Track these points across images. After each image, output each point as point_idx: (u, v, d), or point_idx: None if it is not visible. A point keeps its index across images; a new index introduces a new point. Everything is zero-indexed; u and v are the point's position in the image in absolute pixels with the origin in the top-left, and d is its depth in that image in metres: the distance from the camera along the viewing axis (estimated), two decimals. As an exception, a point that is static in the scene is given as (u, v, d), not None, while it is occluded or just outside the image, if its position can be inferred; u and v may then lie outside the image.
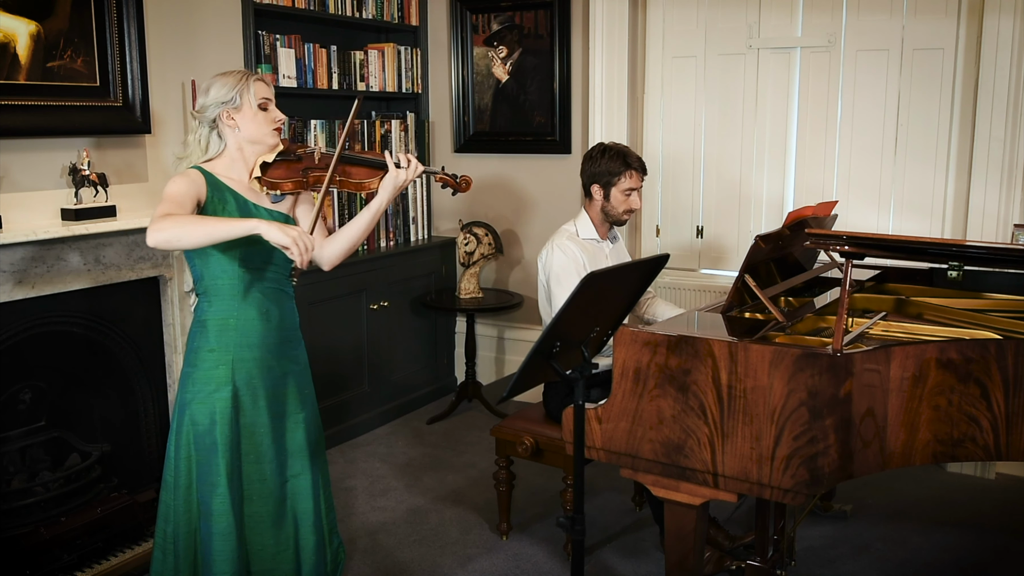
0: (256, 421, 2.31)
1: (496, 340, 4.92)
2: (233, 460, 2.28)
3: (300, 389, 2.42)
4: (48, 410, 3.08)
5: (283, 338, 2.37)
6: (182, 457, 2.28)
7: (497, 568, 3.07)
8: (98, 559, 3.00)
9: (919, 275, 3.07)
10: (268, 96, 2.32)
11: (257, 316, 2.30)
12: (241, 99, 2.27)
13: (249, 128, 2.30)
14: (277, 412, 2.35)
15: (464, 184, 2.47)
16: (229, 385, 2.27)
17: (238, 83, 2.27)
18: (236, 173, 2.33)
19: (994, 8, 3.53)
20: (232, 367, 2.27)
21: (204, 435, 2.26)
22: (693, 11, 4.25)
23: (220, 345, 2.27)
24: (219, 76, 2.31)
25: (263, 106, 2.30)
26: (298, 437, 2.40)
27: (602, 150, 3.14)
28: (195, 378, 2.28)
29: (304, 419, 2.41)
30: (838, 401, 2.09)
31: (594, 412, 2.35)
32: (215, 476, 2.25)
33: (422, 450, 4.13)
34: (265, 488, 2.34)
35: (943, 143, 3.81)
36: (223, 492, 2.25)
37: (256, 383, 2.30)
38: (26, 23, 2.91)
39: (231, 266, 2.26)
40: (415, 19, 4.76)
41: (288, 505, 2.39)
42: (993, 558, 3.12)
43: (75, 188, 3.01)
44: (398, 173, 2.34)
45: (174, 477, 2.30)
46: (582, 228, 3.18)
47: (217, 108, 2.27)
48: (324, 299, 4.05)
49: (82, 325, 3.09)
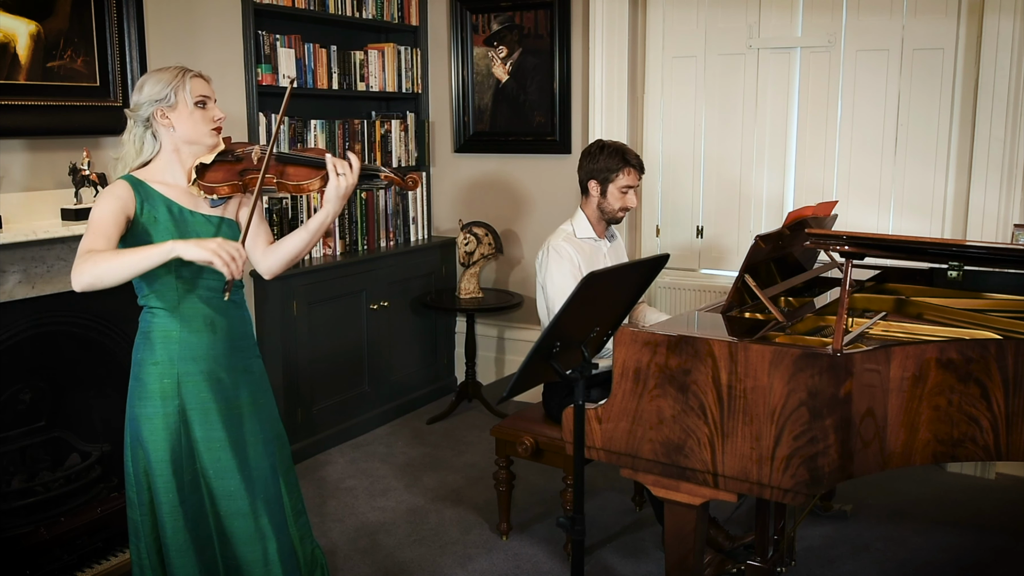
0: (210, 436, 2.21)
1: (496, 340, 4.92)
2: (183, 476, 2.19)
3: (255, 399, 2.30)
4: (48, 410, 3.08)
5: (232, 348, 2.26)
6: (140, 472, 2.21)
7: (497, 568, 3.07)
8: (98, 559, 3.00)
9: (919, 275, 3.07)
10: (206, 94, 2.19)
11: (202, 327, 2.20)
12: (176, 96, 2.15)
13: (185, 128, 2.17)
14: (233, 425, 2.24)
15: (411, 182, 2.28)
16: (176, 399, 2.18)
17: (173, 79, 2.15)
18: (172, 177, 2.21)
19: (994, 8, 3.53)
20: (177, 380, 2.18)
21: (151, 451, 2.18)
22: (693, 11, 4.25)
23: (164, 358, 2.18)
24: (154, 72, 2.19)
25: (201, 103, 2.17)
26: (259, 452, 2.29)
27: (600, 147, 3.14)
28: (140, 392, 2.20)
29: (262, 430, 2.31)
30: (838, 401, 2.09)
31: (594, 412, 2.35)
32: (163, 493, 2.18)
33: (422, 450, 4.13)
34: (236, 505, 2.24)
35: (943, 143, 3.81)
36: (172, 509, 2.18)
37: (205, 397, 2.20)
38: (26, 23, 2.91)
39: (168, 278, 2.17)
40: (415, 19, 4.76)
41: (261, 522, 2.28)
42: (993, 558, 3.12)
43: (75, 188, 3.01)
44: (339, 180, 2.17)
45: (136, 494, 2.23)
46: (579, 227, 3.18)
47: (151, 106, 2.15)
48: (324, 299, 4.05)
49: (82, 325, 3.09)
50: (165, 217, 2.16)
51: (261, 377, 2.35)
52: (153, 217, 2.15)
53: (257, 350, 2.37)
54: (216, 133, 2.22)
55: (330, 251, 4.28)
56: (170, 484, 2.18)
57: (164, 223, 2.16)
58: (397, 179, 2.28)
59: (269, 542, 2.27)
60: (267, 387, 2.37)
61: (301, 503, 2.44)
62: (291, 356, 3.91)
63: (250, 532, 2.25)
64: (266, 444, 2.31)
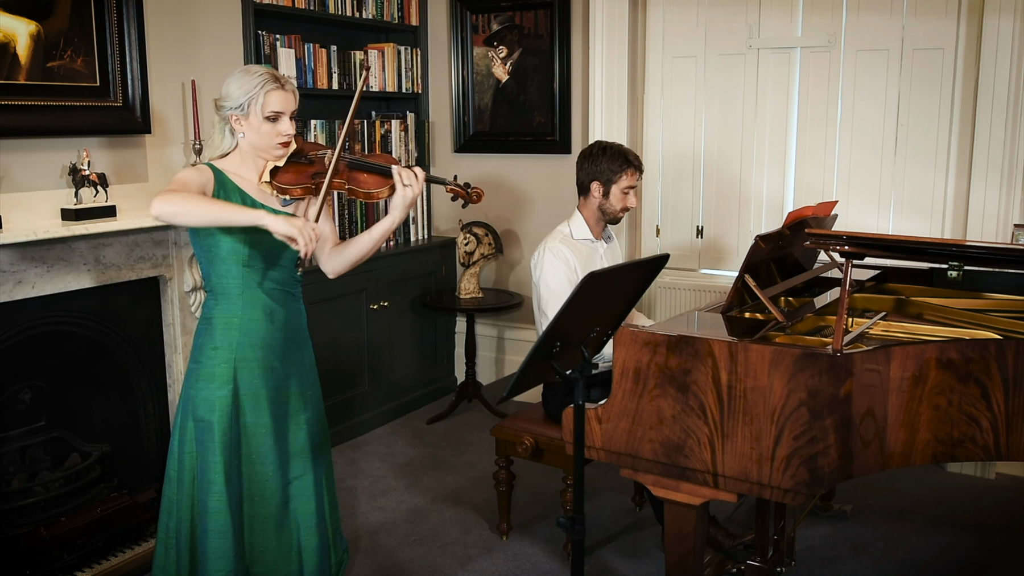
0: (258, 422, 2.31)
1: (496, 340, 4.92)
2: (232, 459, 2.27)
3: (303, 390, 2.41)
4: (48, 410, 3.08)
5: (287, 339, 2.36)
6: (186, 452, 2.28)
7: (497, 568, 3.07)
8: (98, 559, 3.00)
9: (919, 275, 3.07)
10: (280, 109, 2.23)
11: (261, 316, 2.30)
12: (249, 108, 2.21)
13: (252, 138, 2.25)
14: (279, 413, 2.34)
15: (475, 196, 2.39)
16: (231, 384, 2.26)
17: (252, 90, 2.20)
18: (247, 172, 2.30)
19: (994, 8, 3.53)
20: (234, 366, 2.27)
21: (204, 432, 2.26)
22: (693, 11, 4.25)
23: (224, 343, 2.27)
24: (242, 72, 2.23)
25: (272, 118, 2.23)
26: (300, 438, 2.39)
27: (601, 148, 3.14)
28: (199, 374, 2.28)
29: (307, 420, 2.40)
30: (838, 401, 2.09)
31: (594, 412, 2.35)
32: (212, 473, 2.25)
33: (422, 450, 4.13)
34: (267, 489, 2.33)
35: (943, 143, 3.81)
36: (219, 490, 2.25)
37: (258, 384, 2.30)
38: (26, 23, 2.91)
39: (235, 267, 2.26)
40: (415, 19, 4.76)
41: (291, 507, 2.38)
42: (993, 558, 3.12)
43: (75, 188, 3.01)
44: (405, 191, 2.28)
45: (177, 472, 2.30)
46: (576, 229, 3.18)
47: (228, 111, 2.24)
48: (324, 299, 4.05)
49: (82, 325, 3.09)
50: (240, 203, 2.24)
51: (311, 370, 2.45)
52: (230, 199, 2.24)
53: (310, 344, 2.47)
54: (283, 147, 2.28)
55: (330, 251, 4.28)
56: (220, 466, 2.25)
57: None
58: (461, 191, 2.38)
59: (293, 529, 2.37)
60: (316, 380, 2.47)
61: (336, 498, 2.53)
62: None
63: (276, 517, 2.34)
64: (310, 436, 2.41)
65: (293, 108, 2.27)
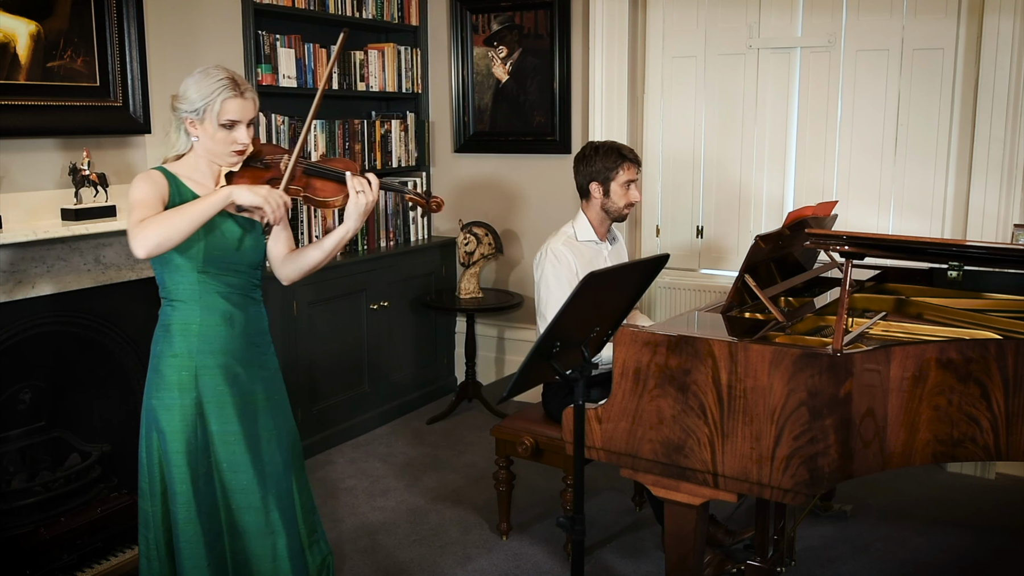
0: (226, 430, 2.23)
1: (496, 340, 4.92)
2: (198, 468, 2.21)
3: (270, 395, 2.33)
4: (48, 410, 3.08)
5: (249, 343, 2.29)
6: (154, 463, 2.23)
7: (497, 568, 3.07)
8: (98, 559, 3.00)
9: (919, 275, 3.07)
10: (237, 118, 2.15)
11: (220, 322, 2.23)
12: (205, 113, 2.14)
13: (207, 144, 2.19)
14: (248, 420, 2.27)
15: (435, 205, 2.30)
16: (193, 392, 2.20)
17: (209, 95, 2.13)
18: (200, 176, 2.24)
19: (994, 8, 3.53)
20: (195, 373, 2.21)
21: (167, 442, 2.20)
22: (693, 11, 4.25)
23: (183, 350, 2.20)
24: (200, 74, 2.17)
25: (228, 126, 2.16)
26: (272, 445, 2.32)
27: (594, 148, 3.13)
28: (159, 384, 2.22)
29: (276, 426, 2.33)
30: (838, 401, 2.09)
31: (594, 412, 2.35)
32: (178, 484, 2.20)
33: (422, 450, 4.13)
34: (248, 499, 2.26)
35: (943, 143, 3.81)
36: (186, 501, 2.20)
37: (222, 390, 2.23)
38: (26, 23, 2.91)
39: (191, 273, 2.20)
40: (415, 19, 4.76)
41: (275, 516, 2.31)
42: (993, 558, 3.12)
43: (75, 188, 3.01)
44: (358, 199, 2.20)
45: (148, 484, 2.25)
46: (580, 231, 3.17)
47: (184, 114, 2.17)
48: (324, 299, 4.05)
49: (82, 325, 3.09)
50: None
51: (276, 374, 2.39)
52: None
53: (272, 347, 2.40)
54: (237, 155, 2.21)
55: (330, 251, 4.28)
56: (185, 475, 2.20)
57: None
58: (420, 200, 2.31)
59: (279, 538, 2.29)
60: (281, 384, 2.40)
61: (311, 501, 2.47)
62: (291, 356, 3.90)
63: (260, 527, 2.28)
64: (279, 440, 2.34)
65: (251, 116, 2.20)
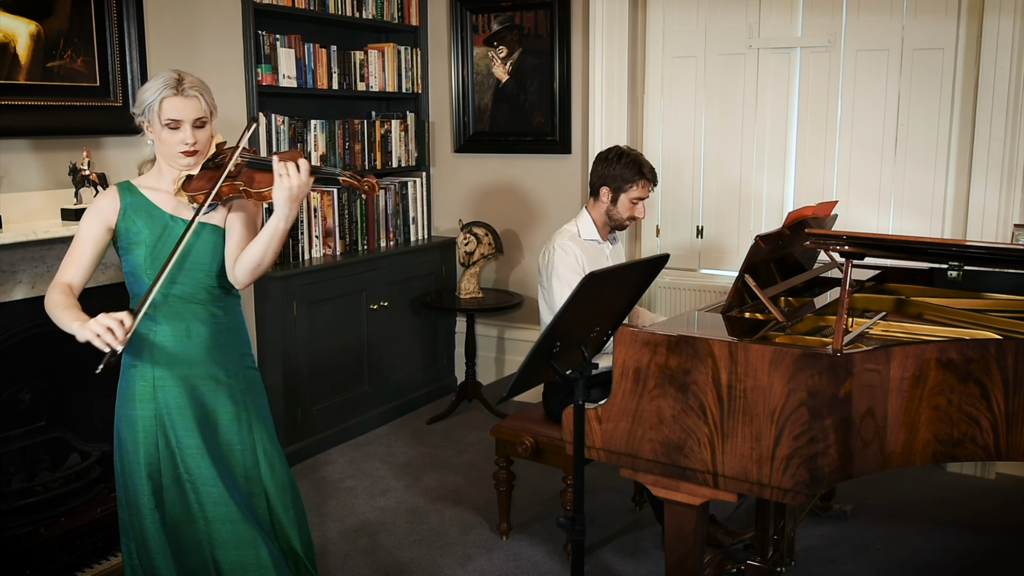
0: (189, 443, 2.19)
1: (496, 340, 4.92)
2: (161, 478, 2.19)
3: (242, 406, 2.28)
4: (48, 410, 3.08)
5: (209, 356, 2.23)
6: (125, 474, 2.22)
7: (497, 568, 3.07)
8: (98, 559, 3.00)
9: (919, 275, 3.07)
10: (178, 117, 2.12)
11: (178, 333, 2.19)
12: (152, 115, 2.13)
13: (158, 147, 2.18)
14: (208, 433, 2.22)
15: (368, 187, 2.13)
16: (151, 403, 2.18)
17: (152, 96, 2.11)
18: (164, 183, 2.22)
19: (994, 8, 3.53)
20: (153, 384, 2.18)
21: (127, 453, 2.19)
22: (693, 11, 4.25)
23: (140, 360, 2.18)
24: (153, 78, 2.17)
25: (172, 126, 2.13)
26: (246, 457, 2.28)
27: (619, 154, 3.13)
28: (122, 393, 2.21)
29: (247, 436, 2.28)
30: (838, 401, 2.09)
31: (594, 412, 2.35)
32: (140, 496, 2.18)
33: (422, 450, 4.13)
34: (223, 510, 2.21)
35: (943, 143, 3.81)
36: (148, 512, 2.18)
37: (181, 402, 2.18)
38: (26, 23, 2.91)
39: (145, 281, 2.17)
40: (415, 19, 4.76)
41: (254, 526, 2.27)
42: (993, 558, 3.12)
43: (75, 188, 3.01)
44: (281, 182, 2.06)
45: (123, 494, 2.23)
46: (584, 228, 3.18)
47: (138, 116, 2.17)
48: (324, 299, 4.05)
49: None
50: (144, 224, 2.19)
51: (249, 384, 2.32)
52: (134, 223, 2.19)
53: (248, 359, 2.34)
54: (186, 156, 2.16)
55: (330, 251, 4.28)
56: (145, 486, 2.18)
57: (143, 230, 2.19)
58: (355, 183, 2.14)
59: (260, 548, 2.25)
60: (257, 392, 2.34)
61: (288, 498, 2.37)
62: (291, 356, 3.91)
63: (240, 537, 2.23)
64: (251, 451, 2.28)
65: (196, 115, 2.14)
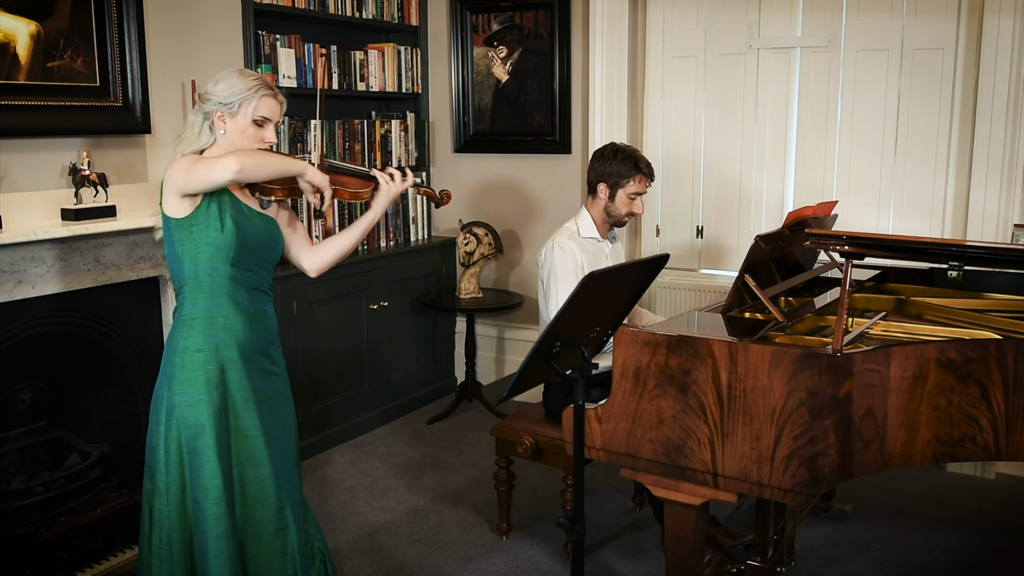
0: (249, 424, 2.25)
1: (496, 340, 4.92)
2: (226, 462, 2.22)
3: (282, 392, 2.36)
4: (48, 410, 3.08)
5: (269, 340, 2.32)
6: (173, 462, 2.21)
7: (497, 568, 3.07)
8: (98, 559, 3.00)
9: (919, 275, 3.07)
10: (269, 116, 2.25)
11: (247, 316, 2.25)
12: (239, 108, 2.21)
13: (234, 138, 2.23)
14: (267, 415, 2.29)
15: (445, 197, 2.57)
16: (220, 386, 2.21)
17: (246, 91, 2.21)
18: None
19: (994, 8, 3.53)
20: (221, 367, 2.21)
21: (195, 438, 2.19)
22: (693, 11, 4.25)
23: (209, 345, 2.21)
24: (235, 74, 2.25)
25: (260, 123, 2.25)
26: (287, 441, 2.34)
27: (615, 150, 3.13)
28: (182, 379, 2.20)
29: (286, 422, 2.35)
30: (838, 401, 2.09)
31: (594, 412, 2.35)
32: (209, 479, 2.19)
33: (422, 450, 4.13)
34: (263, 492, 2.27)
35: (943, 143, 3.81)
36: (217, 496, 2.20)
37: (246, 384, 2.24)
38: (26, 23, 2.91)
39: (223, 264, 2.21)
40: (415, 19, 4.76)
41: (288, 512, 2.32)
42: (993, 558, 3.12)
43: (75, 188, 3.01)
44: (390, 187, 2.40)
45: (165, 483, 2.23)
46: (583, 226, 3.18)
47: (215, 105, 2.22)
48: (324, 299, 4.05)
49: (82, 325, 3.09)
50: (228, 201, 2.23)
51: (284, 371, 2.42)
52: (219, 197, 2.22)
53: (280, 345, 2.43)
54: None
55: (330, 251, 4.28)
56: (216, 470, 2.20)
57: (227, 205, 2.22)
58: (433, 194, 2.58)
59: (289, 532, 2.31)
60: (288, 380, 2.43)
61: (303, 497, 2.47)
62: (291, 356, 3.89)
63: (273, 521, 2.29)
64: (289, 436, 2.37)
65: (279, 119, 2.31)
